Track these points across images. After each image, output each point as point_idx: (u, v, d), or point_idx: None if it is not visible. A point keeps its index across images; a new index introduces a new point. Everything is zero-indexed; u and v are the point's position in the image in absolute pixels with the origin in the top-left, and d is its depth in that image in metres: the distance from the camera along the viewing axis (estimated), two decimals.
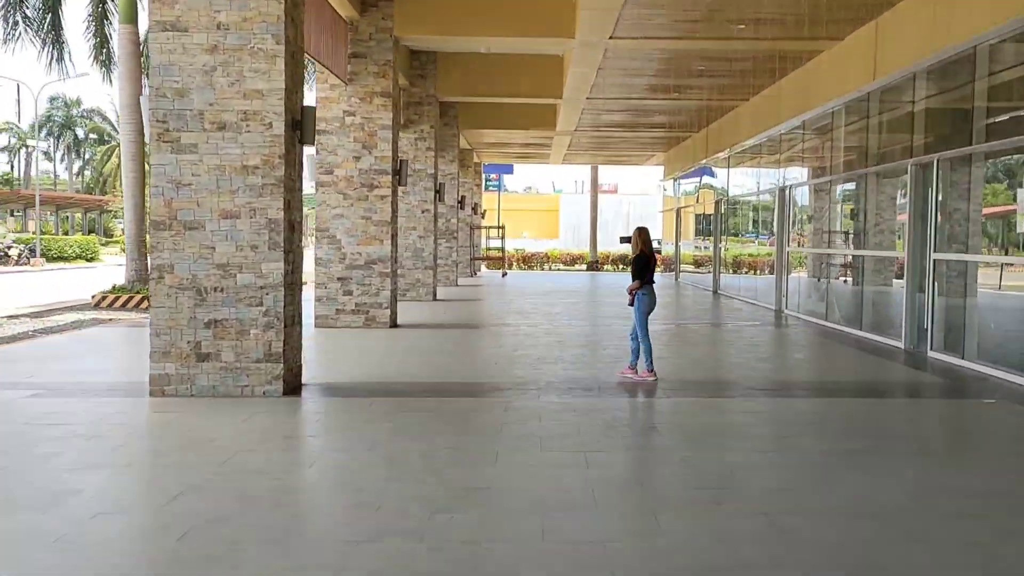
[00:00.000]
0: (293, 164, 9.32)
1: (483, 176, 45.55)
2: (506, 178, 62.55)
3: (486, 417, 8.13)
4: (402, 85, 21.74)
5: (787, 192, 19.57)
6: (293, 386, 9.37)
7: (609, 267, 47.31)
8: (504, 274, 36.39)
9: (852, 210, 16.24)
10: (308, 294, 16.99)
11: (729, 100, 22.37)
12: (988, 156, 11.27)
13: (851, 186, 16.26)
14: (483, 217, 40.06)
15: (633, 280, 10.31)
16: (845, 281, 16.52)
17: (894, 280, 14.69)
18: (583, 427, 7.66)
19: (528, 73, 22.06)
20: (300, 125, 9.38)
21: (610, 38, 15.72)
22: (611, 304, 21.86)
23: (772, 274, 20.60)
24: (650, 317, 10.45)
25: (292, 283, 9.33)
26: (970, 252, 11.48)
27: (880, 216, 14.97)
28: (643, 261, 10.31)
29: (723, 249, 26.88)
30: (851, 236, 16.24)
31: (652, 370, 10.25)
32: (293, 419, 8.30)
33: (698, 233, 32.05)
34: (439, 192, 22.70)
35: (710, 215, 28.73)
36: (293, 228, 9.37)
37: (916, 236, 12.66)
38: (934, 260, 11.87)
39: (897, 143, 14.03)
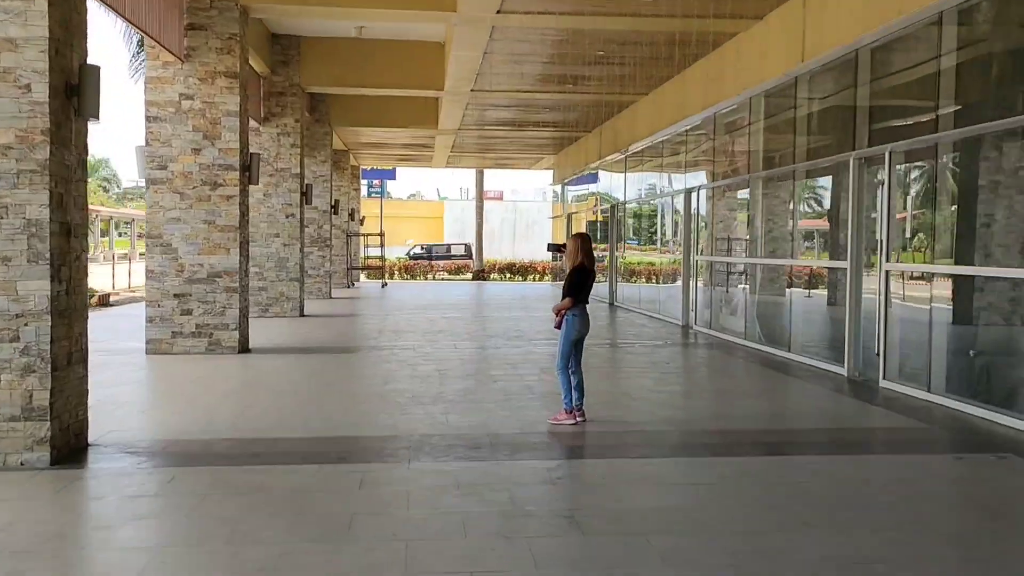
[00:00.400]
0: (68, 144, 6.74)
1: (362, 181, 42.84)
2: (389, 184, 60.00)
3: (330, 503, 5.70)
4: (261, 73, 19.08)
5: (695, 195, 17.67)
6: (70, 451, 6.77)
7: (496, 276, 45.17)
8: (384, 284, 33.87)
9: (771, 215, 14.39)
10: (140, 313, 14.25)
11: (628, 94, 20.39)
12: (958, 145, 9.41)
13: (773, 186, 14.43)
14: (362, 224, 37.41)
15: (564, 297, 8.16)
16: (759, 295, 14.67)
17: (823, 293, 12.86)
18: (470, 521, 5.30)
19: (406, 61, 19.71)
20: (78, 91, 6.80)
21: (497, 12, 13.49)
22: (501, 320, 19.60)
23: (676, 284, 18.70)
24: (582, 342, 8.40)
25: (66, 309, 6.73)
26: (936, 261, 9.56)
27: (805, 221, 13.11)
28: (582, 276, 8.19)
29: (619, 258, 24.97)
30: (769, 244, 14.40)
31: (573, 410, 8.18)
32: (56, 506, 5.73)
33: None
34: (306, 194, 20.08)
35: (605, 221, 26.83)
36: (69, 233, 6.78)
37: (858, 243, 10.78)
38: (887, 272, 9.94)
39: (834, 134, 12.19)
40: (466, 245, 53.45)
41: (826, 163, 12.17)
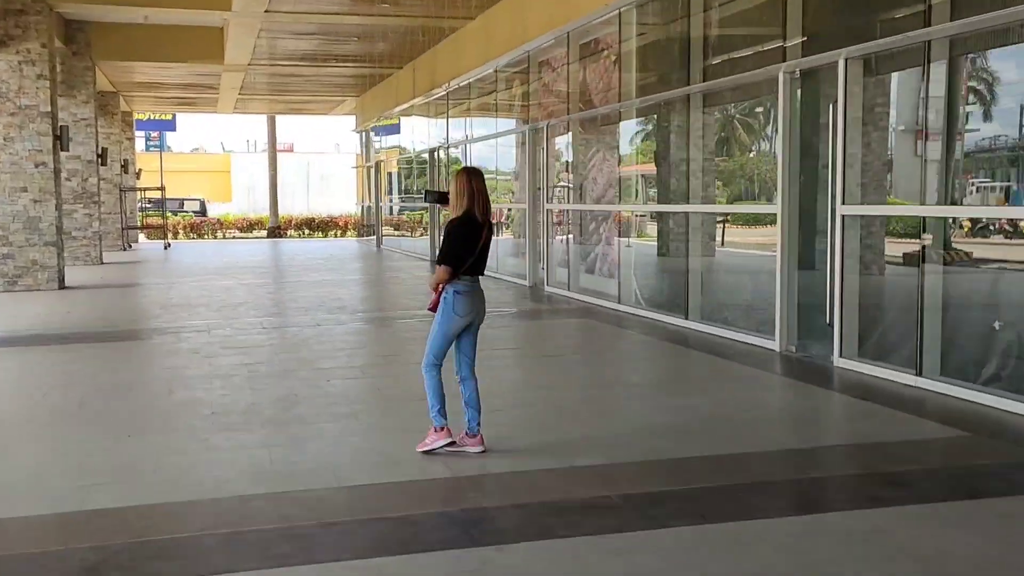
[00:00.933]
0: None
1: (137, 133, 37.97)
2: (169, 137, 54.61)
3: None
4: None
5: (542, 132, 15.11)
6: None
7: (293, 232, 41.48)
8: (167, 245, 29.78)
9: (654, 151, 12.11)
10: None
11: (456, 18, 17.54)
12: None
13: (653, 117, 12.14)
14: (138, 177, 32.91)
15: (439, 263, 5.40)
16: (642, 249, 12.43)
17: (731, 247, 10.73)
18: None
19: None
20: None
21: None
22: (313, 286, 16.53)
23: (519, 239, 16.24)
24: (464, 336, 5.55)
25: None
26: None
27: (699, 157, 10.86)
28: (466, 230, 5.36)
29: (440, 212, 22.28)
30: (655, 186, 12.14)
31: (446, 427, 5.47)
32: None
33: (405, 192, 27.34)
34: (60, 138, 16.20)
35: (416, 170, 24.05)
36: None
37: (792, 181, 8.55)
38: (843, 216, 7.71)
39: (749, 43, 9.97)
40: (201, 201, 48.78)
41: (740, 80, 9.87)
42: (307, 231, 41.56)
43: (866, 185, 8.06)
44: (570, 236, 14.42)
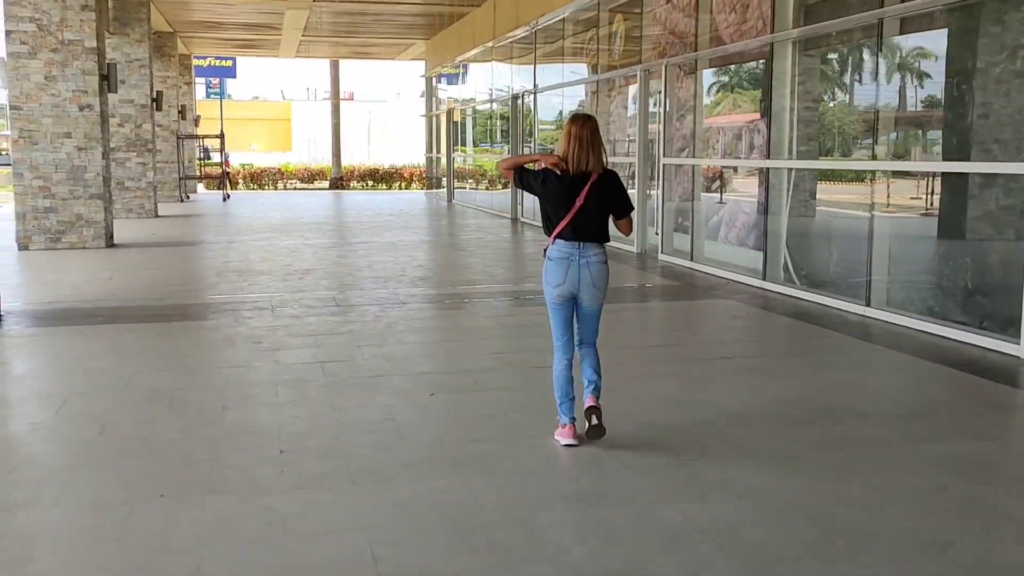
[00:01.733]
0: None
1: (197, 80, 36.25)
2: (229, 85, 53.19)
3: None
4: None
5: (659, 73, 12.93)
6: None
7: (356, 184, 39.66)
8: (226, 197, 28.12)
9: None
10: None
11: None
12: None
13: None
14: (197, 124, 31.25)
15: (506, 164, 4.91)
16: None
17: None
18: None
19: None
20: None
21: None
22: (389, 248, 14.63)
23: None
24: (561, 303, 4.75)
25: None
26: None
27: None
28: (545, 181, 4.71)
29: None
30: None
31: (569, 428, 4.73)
32: None
33: (477, 143, 25.24)
34: (108, 78, 14.38)
35: (500, 118, 21.91)
36: None
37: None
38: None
39: None
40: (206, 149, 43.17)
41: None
42: (370, 183, 39.72)
43: None
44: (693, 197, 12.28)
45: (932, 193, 8.49)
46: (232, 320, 8.29)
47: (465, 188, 26.12)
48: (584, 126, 4.60)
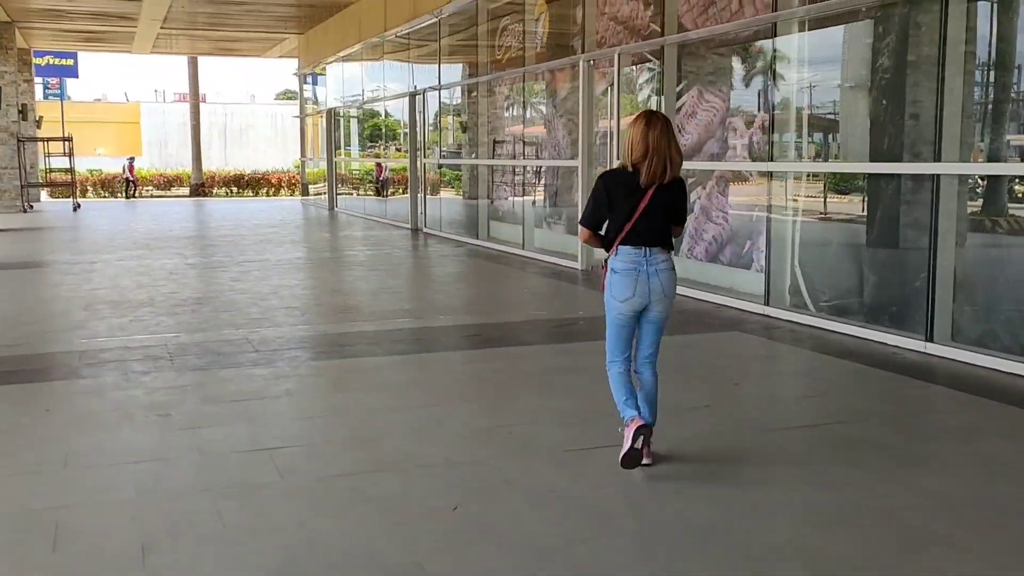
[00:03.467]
0: None
1: (35, 80, 32.82)
2: (70, 85, 49.14)
3: None
4: None
5: (610, 62, 11.32)
6: None
7: (219, 191, 36.86)
8: (76, 207, 25.16)
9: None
10: None
11: None
12: None
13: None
14: (39, 127, 28.03)
15: (581, 222, 4.49)
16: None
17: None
18: None
19: None
20: None
21: None
22: (282, 266, 12.57)
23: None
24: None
25: None
26: None
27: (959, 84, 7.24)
28: (613, 185, 4.29)
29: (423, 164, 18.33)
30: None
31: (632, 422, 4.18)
32: None
33: (365, 146, 23.21)
34: None
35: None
36: None
37: None
38: None
39: None
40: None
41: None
42: (235, 189, 37.00)
43: None
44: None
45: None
46: (119, 377, 6.21)
47: (352, 195, 24.02)
48: (658, 127, 4.14)
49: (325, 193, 25.94)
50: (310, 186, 29.57)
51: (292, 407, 5.54)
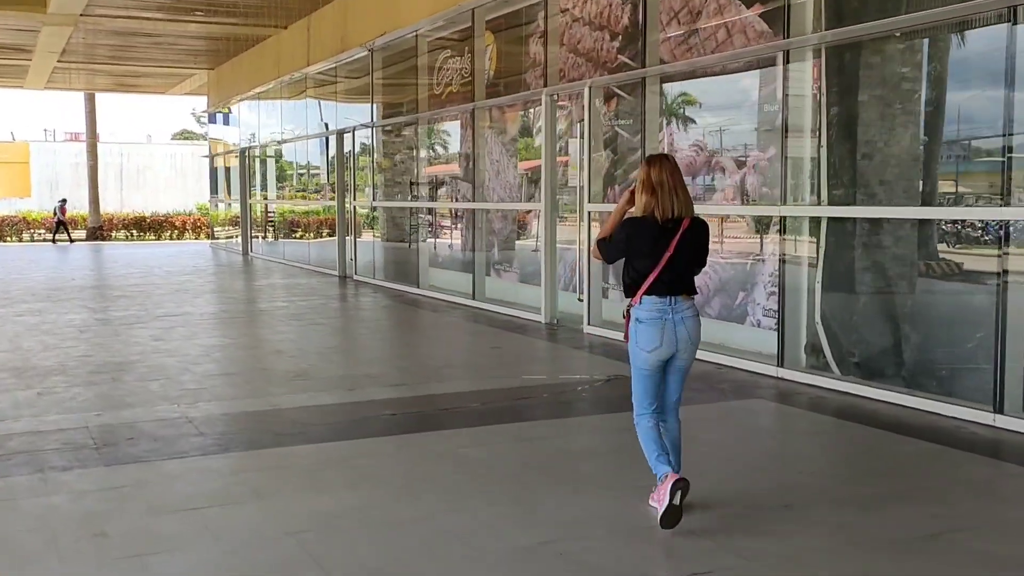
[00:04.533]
0: None
1: None
2: None
3: None
4: None
5: (580, 97, 10.44)
6: None
7: (119, 234, 34.85)
8: None
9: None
10: None
11: None
12: None
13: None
14: None
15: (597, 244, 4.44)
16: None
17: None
18: None
19: None
20: None
21: None
22: (208, 322, 11.28)
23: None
24: None
25: None
26: None
27: None
28: (636, 234, 4.21)
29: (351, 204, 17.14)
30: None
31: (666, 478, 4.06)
32: None
33: (284, 187, 21.89)
34: None
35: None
36: None
37: None
38: None
39: None
40: None
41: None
42: (135, 232, 35.03)
43: None
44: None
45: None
46: (34, 479, 4.93)
47: (268, 239, 22.61)
48: (663, 168, 4.18)
49: (236, 237, 24.49)
50: (217, 229, 28.02)
51: (267, 517, 4.36)
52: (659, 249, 4.10)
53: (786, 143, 7.33)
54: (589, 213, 9.72)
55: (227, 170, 26.00)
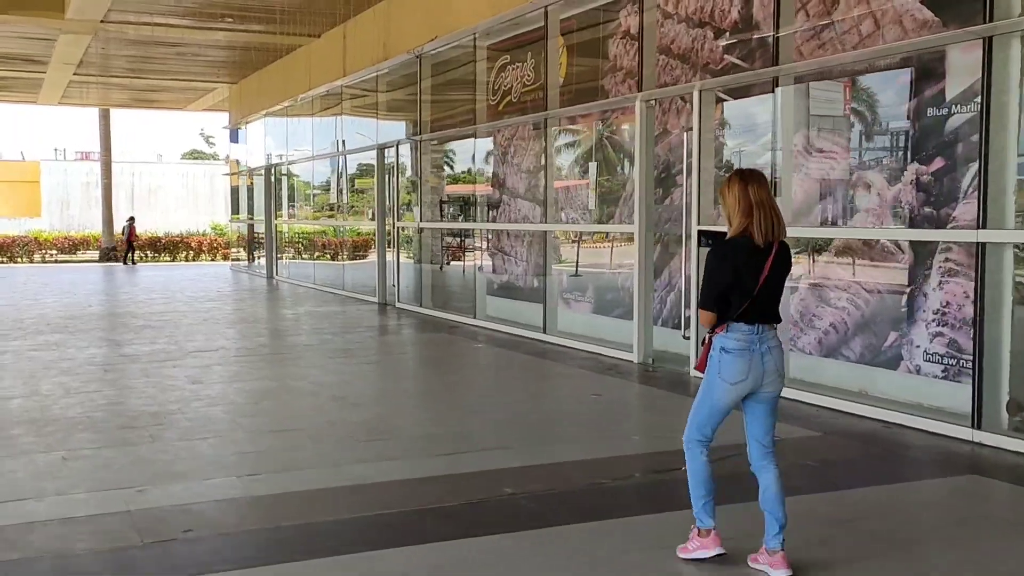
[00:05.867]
0: None
1: None
2: None
3: None
4: None
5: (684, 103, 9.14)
6: None
7: (140, 255, 33.58)
8: None
9: None
10: None
11: None
12: None
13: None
14: None
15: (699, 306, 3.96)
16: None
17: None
18: None
19: None
20: None
21: None
22: (254, 355, 9.96)
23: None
24: None
25: None
26: None
27: None
28: (734, 257, 3.86)
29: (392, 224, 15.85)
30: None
31: (712, 531, 3.97)
32: None
33: (319, 206, 20.61)
34: None
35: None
36: None
37: None
38: None
39: None
40: None
41: None
42: (151, 254, 33.77)
43: None
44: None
45: None
46: None
47: (296, 260, 21.30)
48: (761, 185, 3.86)
49: (260, 258, 23.24)
50: (236, 250, 26.78)
51: None
52: (755, 273, 3.83)
53: (988, 151, 5.96)
54: (699, 232, 8.36)
55: (249, 188, 24.76)
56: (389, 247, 15.31)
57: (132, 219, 31.79)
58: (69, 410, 7.06)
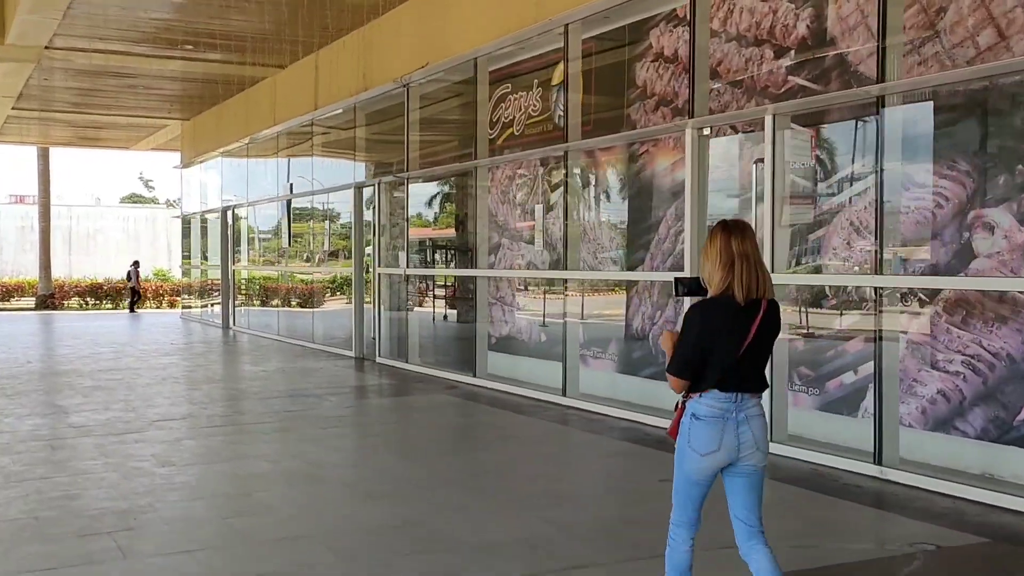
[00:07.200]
0: None
1: None
2: None
3: None
4: None
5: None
6: None
7: (72, 302, 31.64)
8: None
9: None
10: None
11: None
12: None
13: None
14: None
15: (672, 371, 3.58)
16: None
17: None
18: None
19: None
20: None
21: None
22: (225, 424, 8.44)
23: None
24: None
25: None
26: None
27: None
28: (711, 319, 3.51)
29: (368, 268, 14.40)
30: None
31: None
32: None
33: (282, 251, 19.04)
34: None
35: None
36: None
37: None
38: None
39: None
40: None
41: None
42: (91, 300, 31.84)
43: None
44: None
45: None
46: None
47: (255, 308, 19.67)
48: (745, 237, 3.54)
49: (202, 306, 21.60)
50: (184, 297, 25.06)
51: None
52: (737, 336, 3.51)
53: None
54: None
55: (203, 231, 23.13)
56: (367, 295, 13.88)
57: (136, 263, 29.70)
58: (10, 507, 5.52)
